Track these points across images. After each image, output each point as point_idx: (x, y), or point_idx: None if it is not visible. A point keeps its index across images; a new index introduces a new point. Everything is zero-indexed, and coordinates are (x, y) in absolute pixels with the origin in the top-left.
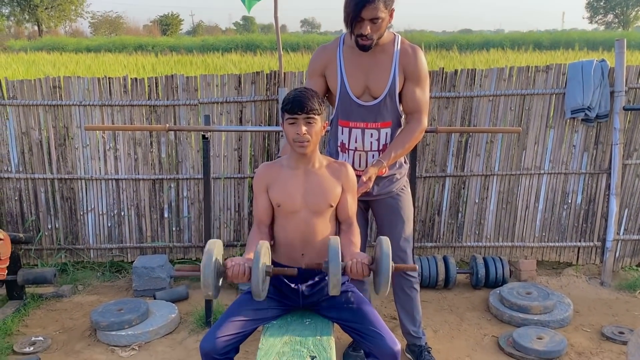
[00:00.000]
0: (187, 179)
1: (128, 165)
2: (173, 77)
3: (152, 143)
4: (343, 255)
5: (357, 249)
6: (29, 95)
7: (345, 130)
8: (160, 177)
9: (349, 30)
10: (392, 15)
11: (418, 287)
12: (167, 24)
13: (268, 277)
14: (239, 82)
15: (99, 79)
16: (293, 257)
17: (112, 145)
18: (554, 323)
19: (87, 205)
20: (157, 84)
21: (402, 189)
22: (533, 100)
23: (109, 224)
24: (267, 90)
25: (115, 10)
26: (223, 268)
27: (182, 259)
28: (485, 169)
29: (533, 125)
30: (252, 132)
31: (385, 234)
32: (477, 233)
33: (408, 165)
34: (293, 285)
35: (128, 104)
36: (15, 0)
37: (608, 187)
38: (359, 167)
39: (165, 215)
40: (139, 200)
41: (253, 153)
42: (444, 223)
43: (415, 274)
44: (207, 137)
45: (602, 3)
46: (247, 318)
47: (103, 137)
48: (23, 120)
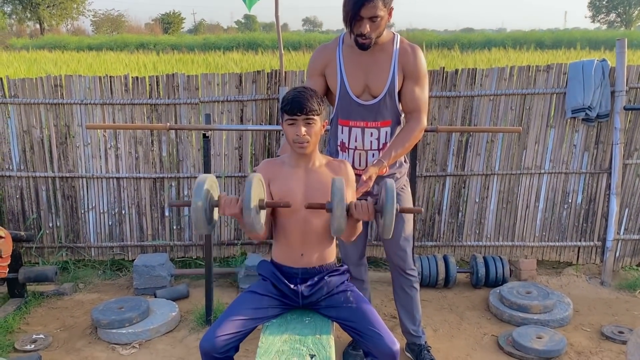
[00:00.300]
0: (187, 178)
1: (129, 164)
2: (174, 75)
3: (153, 142)
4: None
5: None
6: (31, 94)
7: (345, 130)
8: (161, 175)
9: (348, 29)
10: (391, 14)
11: (418, 286)
12: (168, 23)
13: (262, 209)
14: (240, 81)
15: (101, 78)
16: (292, 257)
17: (113, 144)
18: (554, 322)
19: (88, 204)
20: (158, 83)
21: (402, 188)
22: (534, 100)
23: (110, 223)
24: (268, 89)
25: (117, 9)
26: (216, 200)
27: (182, 258)
28: (486, 169)
29: (533, 125)
30: (252, 131)
31: None
32: (477, 232)
33: (408, 165)
34: (292, 286)
35: (129, 103)
36: None
37: (608, 186)
38: (359, 166)
39: (166, 214)
40: (140, 199)
41: (254, 152)
42: (445, 222)
43: (415, 273)
44: (207, 135)
45: (604, 2)
46: (246, 317)
47: (104, 135)
48: (24, 119)
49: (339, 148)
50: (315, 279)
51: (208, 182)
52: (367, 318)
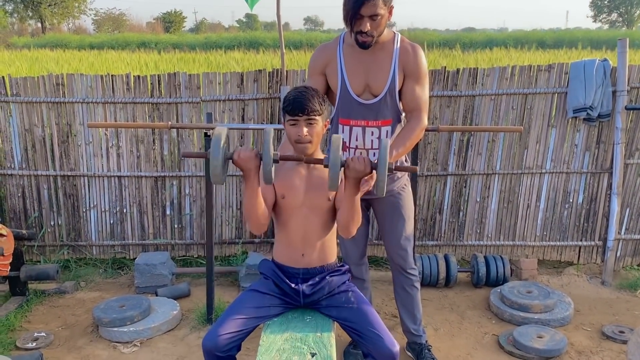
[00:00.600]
0: (189, 177)
1: (130, 163)
2: (176, 74)
3: (154, 140)
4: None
5: None
6: (32, 92)
7: (346, 129)
8: (163, 174)
9: (349, 28)
10: (391, 12)
11: (419, 285)
12: (170, 22)
13: (276, 162)
14: (242, 80)
15: (102, 77)
16: (293, 257)
17: (114, 143)
18: (555, 322)
19: (89, 202)
20: (159, 82)
21: (402, 188)
22: (535, 100)
23: (112, 221)
24: (269, 88)
25: (119, 8)
26: (230, 153)
27: (184, 256)
28: (487, 168)
29: (535, 125)
30: (254, 130)
31: (386, 233)
32: (478, 232)
33: (409, 164)
34: (294, 285)
35: (131, 102)
36: None
37: (610, 186)
38: None
39: (167, 213)
40: (141, 198)
41: None
42: (445, 222)
43: (416, 273)
44: (209, 134)
45: (606, 2)
46: (248, 316)
47: (106, 134)
48: (26, 117)
49: None
50: (317, 279)
51: (224, 135)
52: (367, 319)
